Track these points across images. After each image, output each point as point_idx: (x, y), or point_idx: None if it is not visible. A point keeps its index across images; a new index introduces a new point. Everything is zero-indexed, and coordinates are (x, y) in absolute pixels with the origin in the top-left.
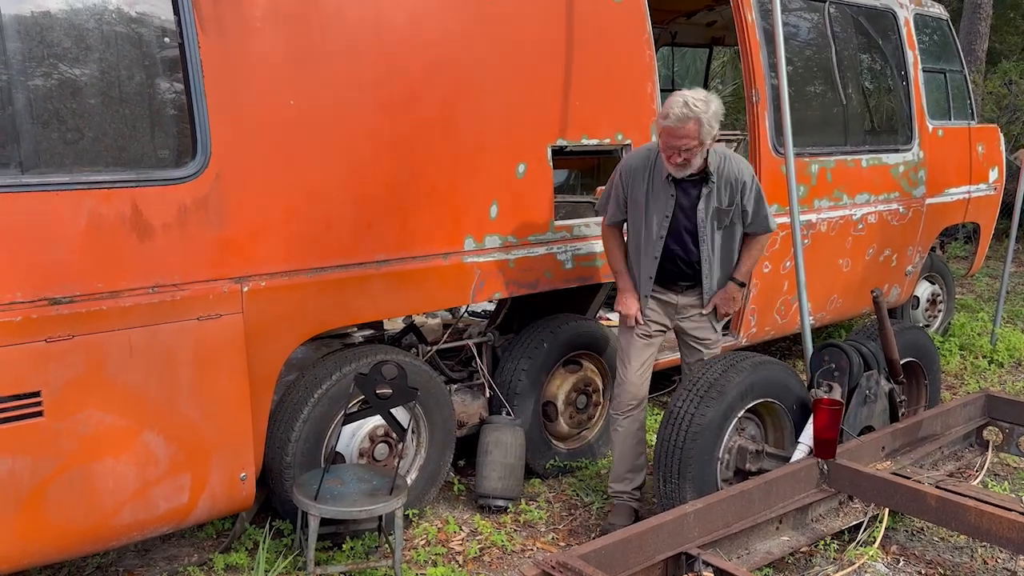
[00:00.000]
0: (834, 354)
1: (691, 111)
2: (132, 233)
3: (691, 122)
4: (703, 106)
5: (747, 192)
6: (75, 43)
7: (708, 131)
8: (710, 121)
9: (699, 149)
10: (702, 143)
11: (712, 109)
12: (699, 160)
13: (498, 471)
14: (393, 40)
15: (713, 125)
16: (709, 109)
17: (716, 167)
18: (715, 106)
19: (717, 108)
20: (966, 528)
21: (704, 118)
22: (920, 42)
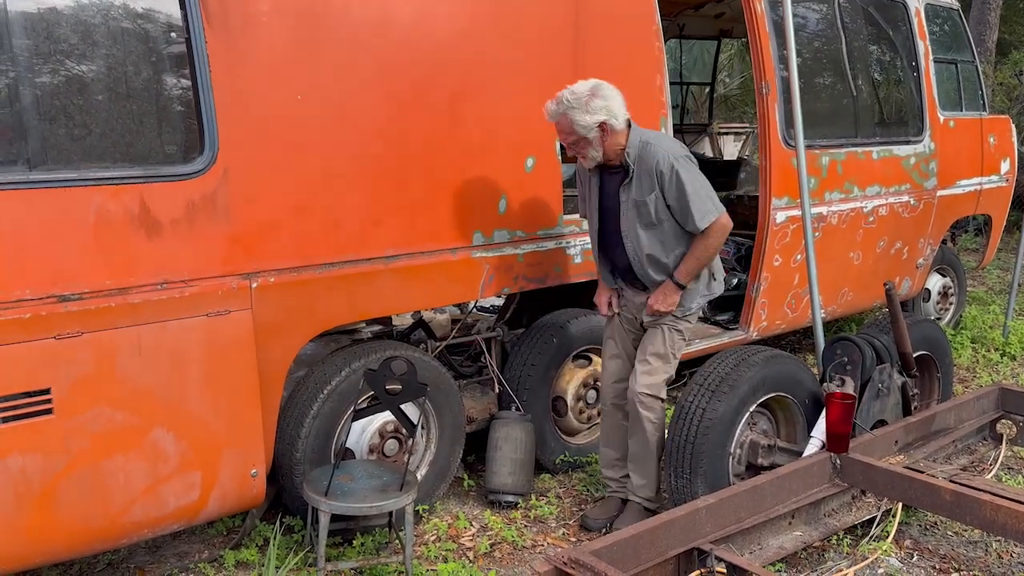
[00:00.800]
0: (846, 348)
1: (559, 105)
2: (140, 229)
3: (562, 116)
4: (572, 98)
5: (666, 183)
6: (82, 39)
7: (583, 122)
8: (582, 112)
9: (586, 142)
10: (582, 136)
11: (583, 99)
12: (595, 152)
13: (508, 467)
14: (400, 34)
15: (587, 116)
16: (580, 100)
17: (635, 156)
18: (588, 94)
19: (592, 96)
20: (981, 522)
21: (572, 112)
22: (931, 32)
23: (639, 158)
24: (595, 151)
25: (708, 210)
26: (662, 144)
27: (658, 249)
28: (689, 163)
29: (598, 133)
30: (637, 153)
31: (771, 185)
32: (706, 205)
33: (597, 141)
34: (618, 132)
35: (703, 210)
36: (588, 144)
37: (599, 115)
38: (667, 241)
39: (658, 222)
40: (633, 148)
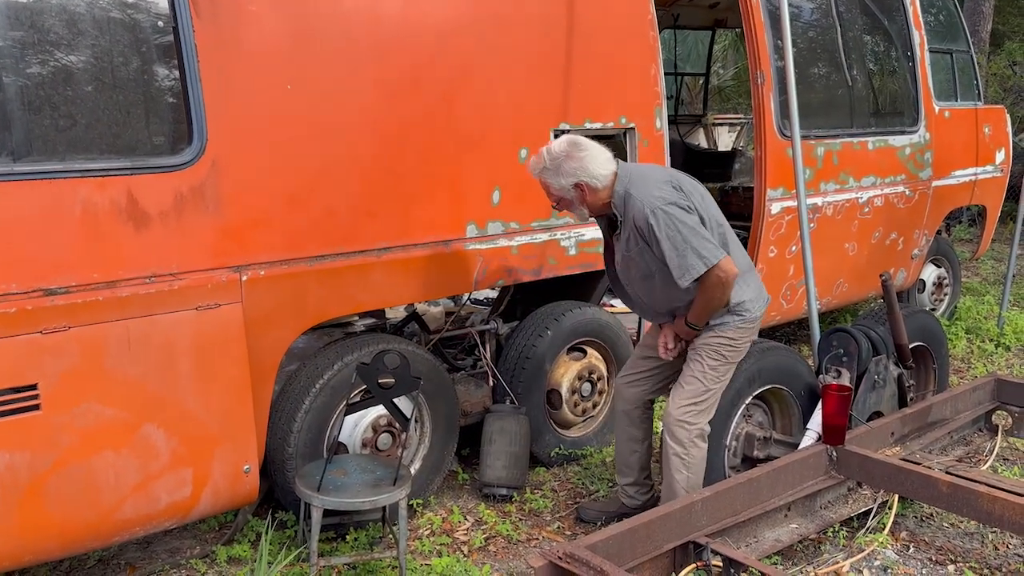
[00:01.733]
0: (842, 339)
1: (537, 166)
2: (128, 222)
3: (540, 178)
4: (549, 159)
5: (649, 237)
6: (68, 29)
7: (557, 184)
8: (555, 175)
9: (567, 202)
10: (562, 196)
11: (558, 160)
12: (579, 210)
13: (502, 460)
14: (393, 23)
15: (560, 179)
16: (555, 162)
17: (620, 208)
18: (564, 155)
19: (567, 158)
20: (978, 514)
21: (546, 175)
22: (926, 22)
23: (624, 211)
24: (579, 210)
25: (689, 266)
26: (643, 192)
27: (658, 300)
28: (670, 211)
29: (576, 193)
30: (622, 203)
31: (766, 176)
32: (687, 260)
33: (578, 200)
34: (599, 190)
35: (683, 266)
36: (570, 203)
37: (574, 176)
38: (665, 292)
39: (654, 272)
40: (618, 199)
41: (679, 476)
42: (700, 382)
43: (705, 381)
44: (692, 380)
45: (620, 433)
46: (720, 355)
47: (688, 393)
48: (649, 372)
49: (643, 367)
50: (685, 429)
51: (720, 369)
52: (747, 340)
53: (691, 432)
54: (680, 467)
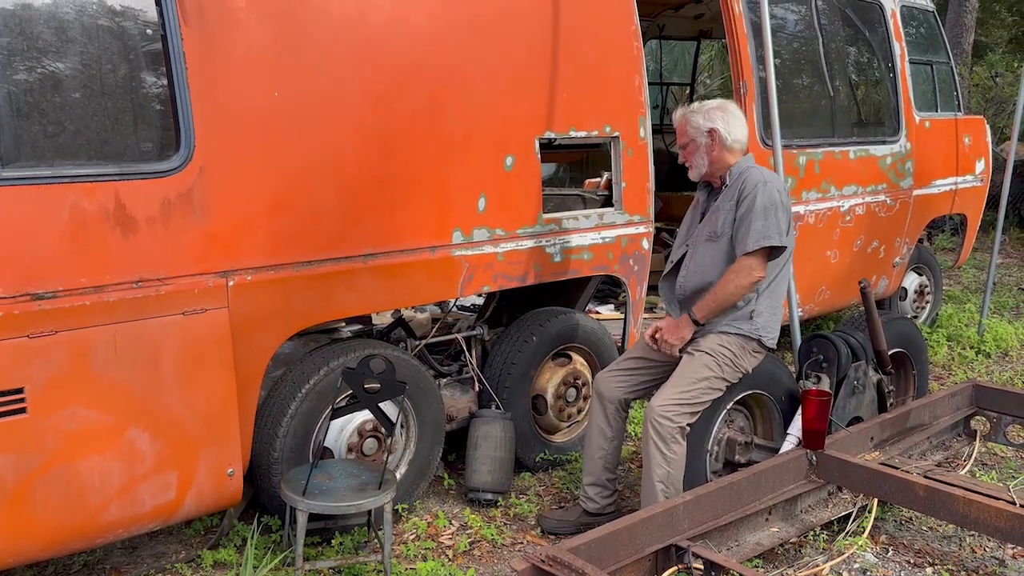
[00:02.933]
0: (822, 345)
1: (685, 109)
2: (115, 227)
3: (682, 118)
4: (698, 105)
5: (746, 195)
6: (56, 35)
7: (695, 123)
8: (699, 115)
9: (694, 146)
10: (692, 138)
11: (707, 107)
12: (701, 160)
13: (488, 464)
14: (379, 31)
15: (701, 119)
16: (703, 107)
17: (736, 174)
18: (714, 106)
19: (716, 108)
20: (954, 517)
21: (691, 115)
22: (907, 34)
23: (738, 177)
24: (701, 158)
25: (757, 234)
26: (765, 173)
27: (701, 266)
28: (777, 194)
29: (707, 140)
30: (739, 172)
31: None
32: (758, 232)
33: (705, 148)
34: (727, 148)
35: (752, 232)
36: (696, 149)
37: (712, 122)
38: (712, 260)
39: (720, 235)
40: (737, 169)
41: (659, 471)
42: (692, 385)
43: (697, 385)
44: (685, 380)
45: (592, 428)
46: (718, 364)
47: (678, 391)
48: (632, 372)
49: (627, 366)
50: (666, 425)
51: (714, 380)
52: (746, 365)
53: (671, 428)
54: (661, 461)
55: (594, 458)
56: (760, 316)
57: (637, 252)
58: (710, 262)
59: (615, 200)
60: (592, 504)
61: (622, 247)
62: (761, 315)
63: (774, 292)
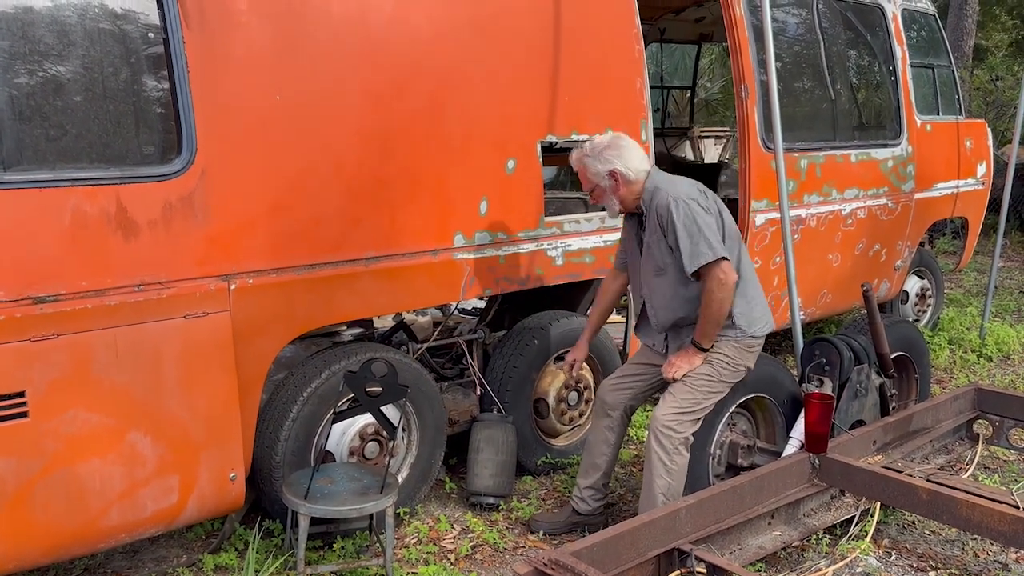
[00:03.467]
0: (825, 348)
1: (579, 153)
2: (117, 231)
3: (579, 164)
4: (589, 147)
5: (665, 223)
6: (58, 39)
7: (595, 169)
8: (595, 160)
9: (600, 190)
10: (596, 184)
11: (599, 148)
12: (611, 201)
13: (489, 468)
14: (381, 34)
15: (599, 164)
16: (595, 150)
17: (647, 201)
18: (605, 145)
19: (608, 147)
20: (957, 521)
21: (587, 160)
22: (908, 37)
23: (650, 203)
24: (611, 200)
25: (700, 252)
26: (670, 187)
27: (666, 300)
28: (691, 205)
29: (611, 182)
30: (650, 198)
31: (750, 188)
32: (698, 247)
33: (611, 189)
34: (632, 182)
35: (694, 252)
36: (603, 192)
37: (610, 164)
38: (673, 290)
39: (664, 268)
40: (647, 194)
41: (660, 482)
42: (692, 393)
43: (697, 393)
44: (685, 390)
45: (595, 434)
46: (715, 370)
47: (679, 401)
48: (636, 380)
49: (631, 373)
50: (671, 436)
51: (714, 384)
52: (745, 363)
53: (676, 440)
54: (663, 472)
55: (595, 463)
56: (740, 316)
57: None
58: (671, 295)
59: None
60: (585, 506)
61: None
62: (741, 315)
63: (744, 288)
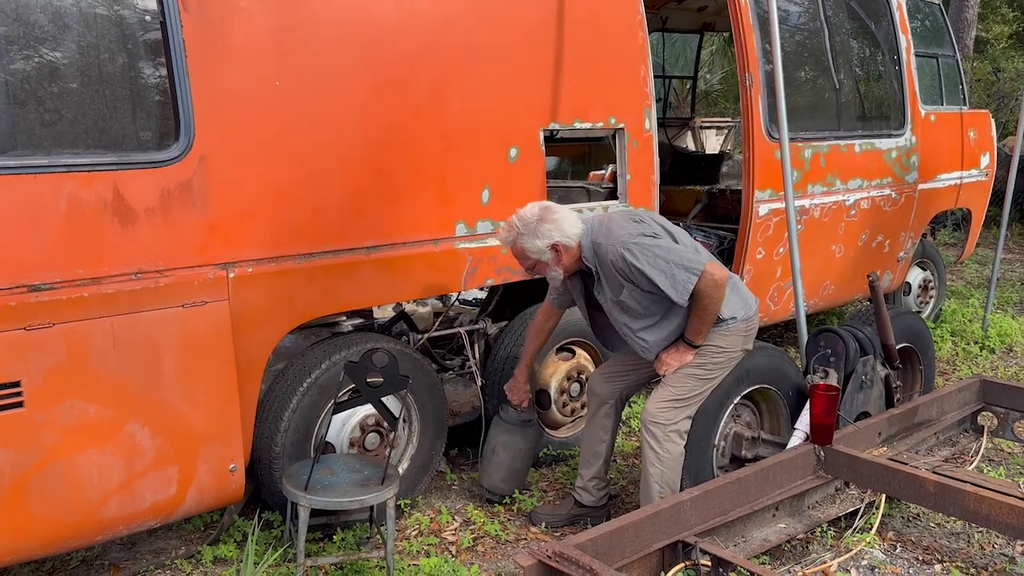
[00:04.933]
0: (830, 339)
1: (511, 232)
2: (114, 218)
3: (514, 244)
4: (521, 225)
5: (632, 273)
6: (53, 22)
7: (534, 248)
8: (531, 238)
9: (543, 265)
10: (537, 260)
11: (532, 224)
12: (555, 272)
13: (502, 473)
14: (382, 21)
15: (537, 241)
16: (529, 227)
17: (592, 260)
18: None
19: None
20: (964, 513)
21: (522, 239)
22: (912, 27)
23: (596, 261)
24: (554, 271)
25: (681, 281)
26: (609, 237)
27: (656, 334)
28: (641, 241)
29: (552, 255)
30: (593, 255)
31: (754, 178)
32: (677, 277)
33: (553, 261)
34: (572, 248)
35: (676, 284)
36: (545, 266)
37: (549, 238)
38: (663, 324)
39: (645, 311)
40: (588, 252)
41: (653, 470)
42: (684, 383)
43: (689, 382)
44: (676, 380)
45: (591, 423)
46: (707, 360)
47: (670, 392)
48: (627, 370)
49: (621, 363)
50: (661, 426)
51: (706, 373)
52: (738, 348)
53: (667, 429)
54: (654, 461)
55: (595, 451)
56: (726, 307)
57: None
58: (666, 332)
59: (620, 193)
60: (588, 496)
61: None
62: (726, 305)
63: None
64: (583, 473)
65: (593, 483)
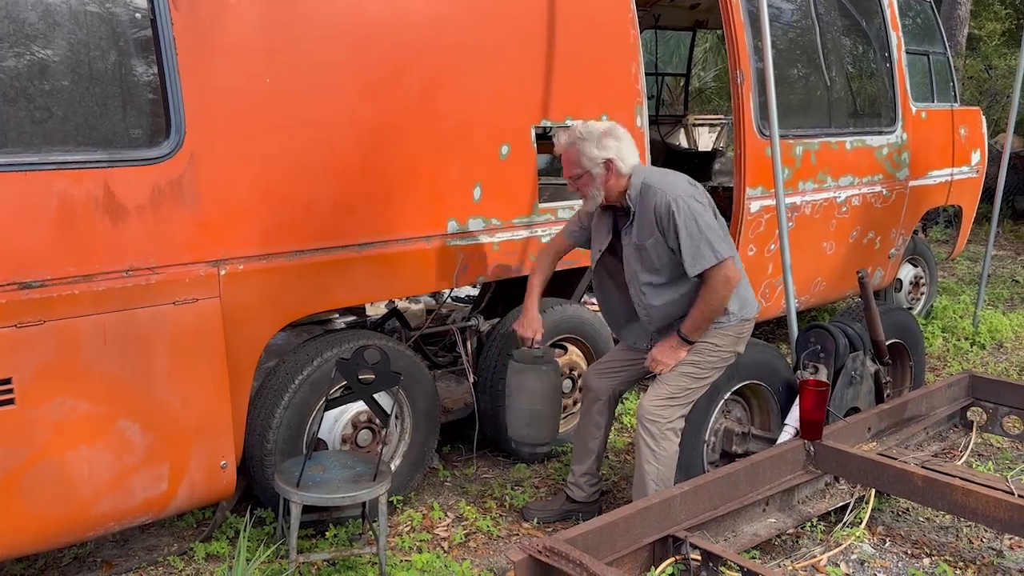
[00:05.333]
0: (820, 335)
1: (571, 136)
2: (105, 215)
3: (571, 147)
4: (585, 131)
5: (665, 225)
6: (43, 19)
7: (590, 155)
8: (592, 145)
9: (589, 178)
10: (587, 170)
11: (596, 134)
12: (597, 191)
13: (523, 418)
14: (374, 17)
15: (596, 150)
16: (593, 135)
17: (635, 198)
18: (602, 132)
19: (606, 134)
20: (952, 507)
21: (582, 144)
22: (903, 24)
23: (640, 200)
24: (597, 190)
25: (702, 255)
26: (666, 186)
27: (662, 300)
28: (691, 203)
29: (603, 171)
30: (638, 194)
31: (745, 175)
32: (701, 250)
33: (600, 179)
34: (622, 174)
35: (696, 255)
36: (591, 181)
37: (608, 152)
38: (669, 289)
39: (660, 268)
40: (634, 190)
41: (649, 468)
42: (679, 380)
43: (685, 380)
44: (672, 378)
45: (585, 419)
46: (703, 358)
47: (666, 389)
48: (623, 366)
49: (617, 359)
50: (657, 423)
51: (702, 371)
52: (733, 348)
53: (663, 426)
54: (650, 458)
55: (588, 447)
56: (732, 302)
57: None
58: (668, 299)
59: None
60: (580, 492)
61: None
62: (732, 301)
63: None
64: (575, 469)
65: (585, 479)
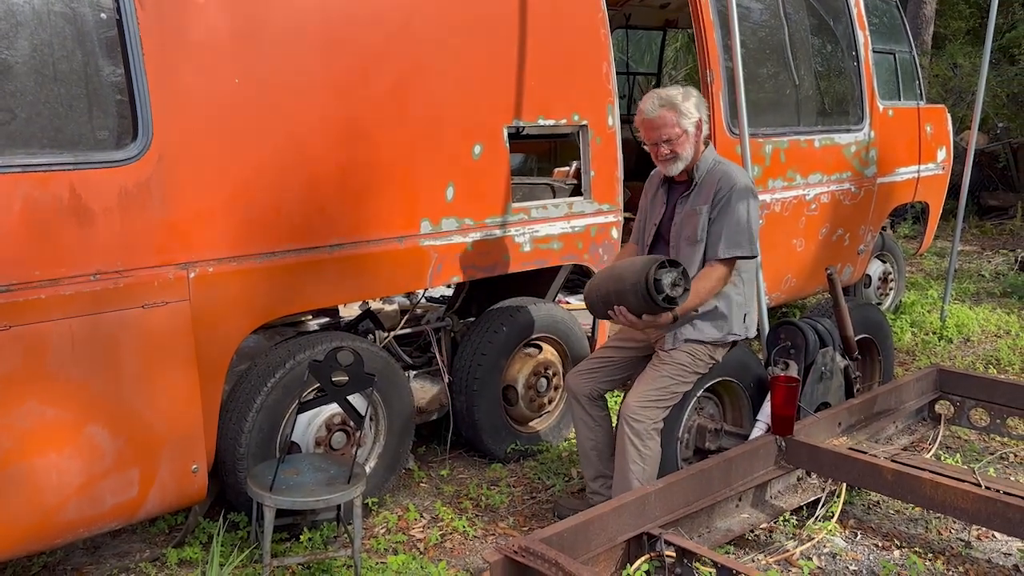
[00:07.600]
0: (790, 332)
1: (662, 100)
2: (71, 218)
3: (667, 110)
4: (678, 94)
5: (720, 200)
6: (5, 19)
7: (687, 117)
8: (687, 107)
9: (685, 138)
10: (684, 130)
11: (691, 98)
12: (688, 151)
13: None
14: (343, 17)
15: (691, 111)
16: (687, 96)
17: (704, 170)
18: (694, 95)
19: (696, 97)
20: (921, 500)
21: (681, 104)
22: (870, 23)
23: (708, 172)
24: (688, 150)
25: (738, 244)
26: (735, 168)
27: (688, 257)
28: (750, 195)
29: (695, 132)
30: (707, 167)
31: None
32: (740, 239)
33: (692, 140)
34: (701, 140)
35: (733, 241)
36: (685, 141)
37: (702, 113)
38: (695, 257)
39: (699, 239)
40: (704, 163)
41: (635, 467)
42: (666, 381)
43: (670, 381)
44: (659, 378)
45: (576, 425)
46: (690, 360)
47: (652, 389)
48: (601, 367)
49: (596, 362)
50: (642, 423)
51: (686, 374)
52: (716, 357)
53: (648, 427)
54: (636, 458)
55: (587, 452)
56: (733, 316)
57: (607, 241)
58: (694, 265)
59: (584, 189)
60: (600, 498)
61: (592, 236)
62: (732, 316)
63: (747, 292)
64: (586, 474)
65: (600, 483)
